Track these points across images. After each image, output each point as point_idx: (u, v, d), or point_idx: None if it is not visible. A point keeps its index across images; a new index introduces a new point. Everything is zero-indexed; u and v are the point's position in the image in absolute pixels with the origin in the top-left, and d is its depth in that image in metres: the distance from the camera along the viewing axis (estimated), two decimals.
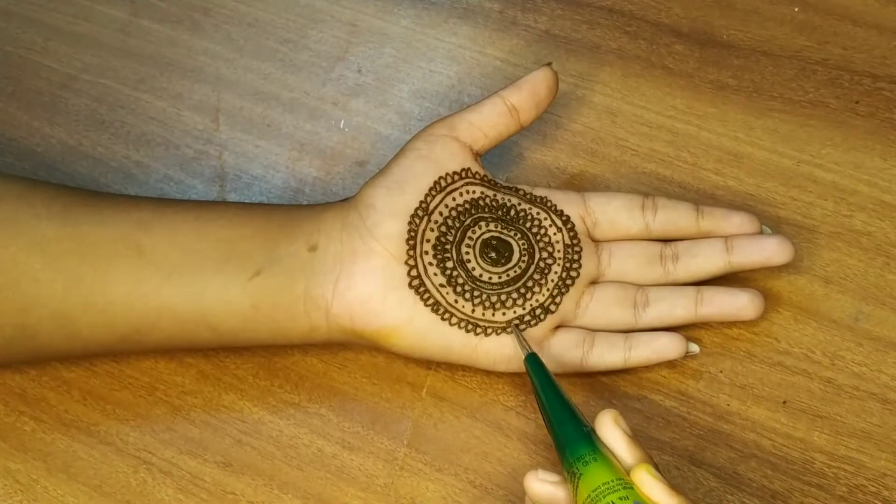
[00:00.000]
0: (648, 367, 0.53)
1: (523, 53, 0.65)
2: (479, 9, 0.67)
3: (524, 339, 0.50)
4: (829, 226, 0.57)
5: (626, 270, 0.54)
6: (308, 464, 0.52)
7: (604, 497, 0.42)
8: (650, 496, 0.42)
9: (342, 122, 0.64)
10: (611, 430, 0.45)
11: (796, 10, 0.65)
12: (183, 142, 0.63)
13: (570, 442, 0.45)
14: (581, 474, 0.44)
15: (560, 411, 0.47)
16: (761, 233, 0.54)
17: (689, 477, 0.50)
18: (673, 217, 0.54)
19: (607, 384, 0.53)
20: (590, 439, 0.45)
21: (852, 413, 0.51)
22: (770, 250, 0.53)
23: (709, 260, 0.53)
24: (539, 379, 0.48)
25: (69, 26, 0.69)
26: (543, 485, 0.45)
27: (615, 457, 0.44)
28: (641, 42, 0.65)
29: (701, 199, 0.58)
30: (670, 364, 0.53)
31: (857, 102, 0.61)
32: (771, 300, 0.54)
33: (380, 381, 0.54)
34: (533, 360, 0.49)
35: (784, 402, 0.52)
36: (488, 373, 0.53)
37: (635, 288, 0.53)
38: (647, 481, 0.43)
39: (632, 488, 0.43)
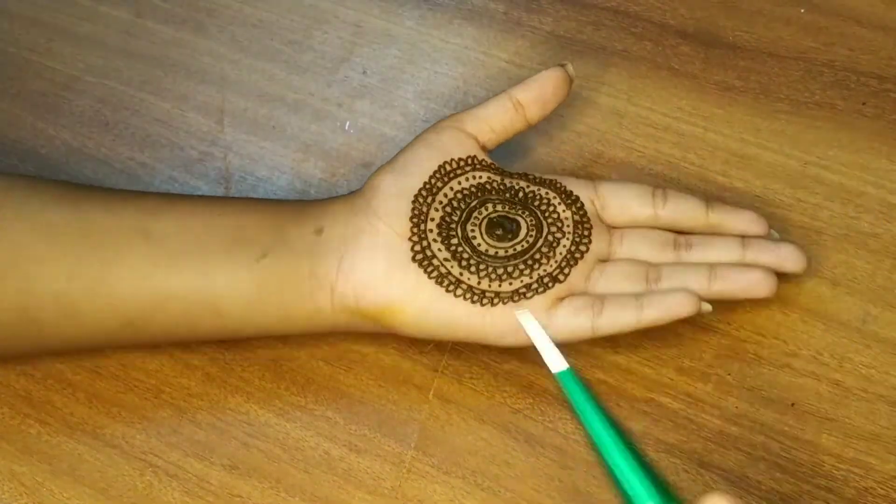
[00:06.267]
0: (655, 370, 0.53)
1: (528, 55, 0.65)
2: (483, 10, 0.67)
3: (557, 352, 0.45)
4: (837, 227, 0.57)
5: (638, 252, 0.53)
6: (315, 466, 0.52)
7: None
8: None
9: (347, 124, 0.63)
10: None
11: (802, 11, 0.65)
12: (187, 143, 0.63)
13: None
14: None
15: (626, 467, 0.40)
16: (769, 232, 0.54)
17: (697, 480, 0.50)
18: (682, 208, 0.54)
19: (615, 386, 0.53)
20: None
21: (861, 415, 0.51)
22: (784, 254, 0.53)
23: (723, 253, 0.53)
24: (589, 415, 0.42)
25: (72, 27, 0.68)
26: None
27: None
28: (647, 43, 0.65)
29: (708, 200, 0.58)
30: (678, 366, 0.53)
31: (863, 104, 0.61)
32: (779, 302, 0.54)
33: (386, 384, 0.54)
34: (569, 376, 0.43)
35: (792, 405, 0.52)
36: (495, 375, 0.53)
37: (647, 265, 0.53)
38: None
39: None
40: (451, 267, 0.51)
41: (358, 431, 0.52)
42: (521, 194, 0.54)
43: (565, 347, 0.51)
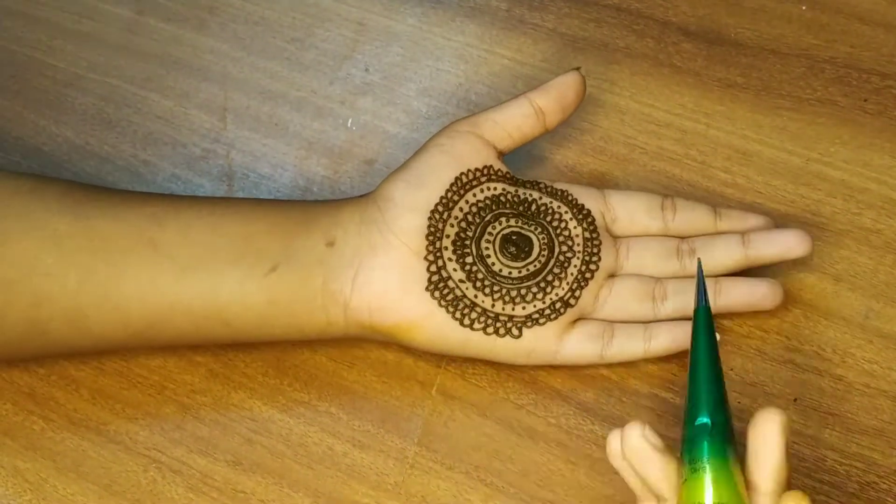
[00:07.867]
0: (659, 365, 0.53)
1: (531, 52, 0.65)
2: (486, 7, 0.67)
3: (705, 289, 0.46)
4: (839, 224, 0.57)
5: (644, 264, 0.54)
6: (318, 462, 0.52)
7: None
8: None
9: (350, 121, 0.64)
10: (772, 435, 0.41)
11: (804, 8, 0.65)
12: (190, 140, 0.63)
13: (696, 433, 0.42)
14: (686, 478, 0.40)
15: (703, 387, 0.43)
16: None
17: None
18: (691, 217, 0.54)
19: (617, 381, 0.53)
20: (721, 437, 0.41)
21: (863, 410, 0.51)
22: (788, 243, 0.53)
23: (726, 254, 0.53)
24: (700, 341, 0.44)
25: (75, 25, 0.68)
26: (642, 441, 0.42)
27: (747, 468, 0.41)
28: (649, 40, 0.65)
29: (710, 197, 0.58)
30: (681, 361, 0.53)
31: (865, 100, 0.61)
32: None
33: (389, 380, 0.54)
34: (705, 314, 0.45)
35: (795, 400, 0.52)
36: (498, 370, 0.53)
37: (653, 281, 0.53)
38: None
39: None
40: (466, 289, 0.51)
41: (361, 427, 0.52)
42: (533, 206, 0.54)
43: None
